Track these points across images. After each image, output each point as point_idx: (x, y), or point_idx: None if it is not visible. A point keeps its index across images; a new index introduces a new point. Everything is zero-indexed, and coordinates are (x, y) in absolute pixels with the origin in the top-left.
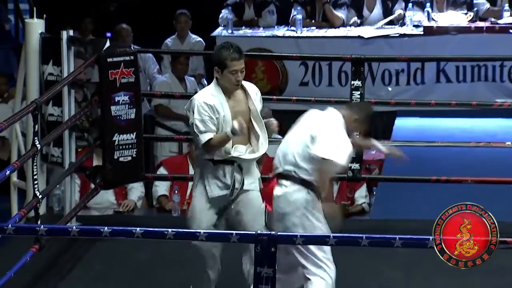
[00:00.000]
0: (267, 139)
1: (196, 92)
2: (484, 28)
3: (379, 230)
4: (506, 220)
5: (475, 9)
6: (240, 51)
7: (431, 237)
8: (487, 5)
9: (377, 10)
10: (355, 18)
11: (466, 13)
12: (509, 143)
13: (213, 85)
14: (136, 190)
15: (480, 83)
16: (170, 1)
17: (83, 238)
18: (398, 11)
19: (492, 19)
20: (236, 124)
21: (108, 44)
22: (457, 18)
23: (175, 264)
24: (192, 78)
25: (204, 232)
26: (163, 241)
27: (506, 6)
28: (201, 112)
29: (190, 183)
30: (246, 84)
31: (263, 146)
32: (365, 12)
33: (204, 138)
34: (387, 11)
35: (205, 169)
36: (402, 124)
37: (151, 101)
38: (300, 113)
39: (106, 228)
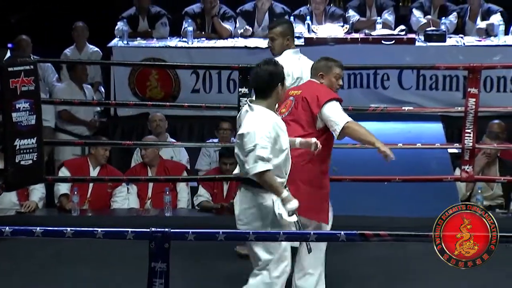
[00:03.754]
0: None
1: (93, 99)
2: (359, 39)
3: None
4: (379, 214)
5: (351, 21)
6: None
7: (312, 232)
8: (357, 17)
9: (265, 24)
10: (246, 26)
11: (342, 26)
12: None
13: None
14: (37, 192)
15: (356, 89)
16: (68, 13)
17: None
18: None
19: (366, 31)
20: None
21: (9, 54)
22: (334, 30)
23: (75, 261)
24: (89, 86)
25: (101, 231)
26: (63, 240)
27: (379, 19)
28: (266, 138)
29: (91, 185)
30: None
31: None
32: (255, 26)
33: (263, 167)
34: None
35: None
36: None
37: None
38: (192, 118)
39: (7, 228)
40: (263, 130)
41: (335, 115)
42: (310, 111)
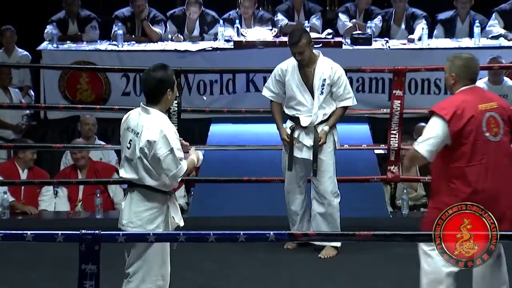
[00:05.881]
0: None
1: (21, 102)
2: (287, 43)
3: (196, 227)
4: None
5: (279, 25)
6: None
7: (241, 232)
8: (286, 21)
9: (196, 31)
10: (178, 34)
11: (271, 29)
12: None
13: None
14: None
15: None
16: None
17: None
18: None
19: None
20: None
21: None
22: (263, 33)
23: (5, 264)
24: (17, 90)
25: (31, 234)
26: None
27: (306, 23)
28: (177, 140)
29: (23, 188)
30: None
31: None
32: (186, 32)
33: (185, 167)
34: (204, 32)
35: None
36: (216, 130)
37: None
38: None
39: None
40: (172, 133)
41: None
42: None
